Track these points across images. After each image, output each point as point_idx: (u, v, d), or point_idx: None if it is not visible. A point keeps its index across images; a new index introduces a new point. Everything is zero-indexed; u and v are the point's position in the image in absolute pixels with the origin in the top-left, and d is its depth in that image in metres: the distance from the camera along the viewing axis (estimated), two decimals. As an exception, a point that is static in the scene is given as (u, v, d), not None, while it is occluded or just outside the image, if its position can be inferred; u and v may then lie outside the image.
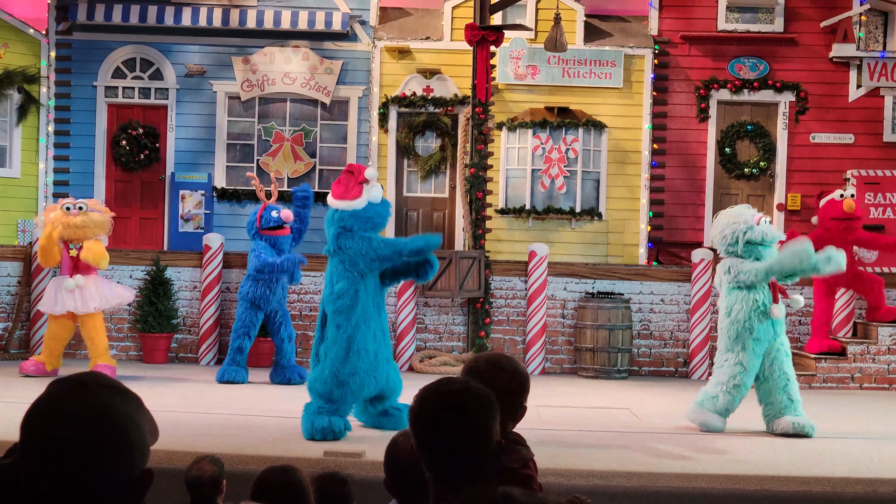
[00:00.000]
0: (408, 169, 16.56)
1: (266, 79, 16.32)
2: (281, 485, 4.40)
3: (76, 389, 2.02)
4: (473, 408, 2.70)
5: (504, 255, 15.31)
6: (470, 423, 2.67)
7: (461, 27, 15.17)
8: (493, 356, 3.74)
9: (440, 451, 2.66)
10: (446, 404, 2.69)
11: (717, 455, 8.37)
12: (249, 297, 12.13)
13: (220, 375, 12.09)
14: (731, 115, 16.55)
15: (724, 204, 16.46)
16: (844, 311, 14.04)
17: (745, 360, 9.46)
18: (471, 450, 2.66)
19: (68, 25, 16.36)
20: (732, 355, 9.53)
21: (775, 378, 9.53)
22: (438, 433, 2.67)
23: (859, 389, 13.31)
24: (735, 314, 9.55)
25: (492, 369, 3.61)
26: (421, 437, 2.70)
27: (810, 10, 16.36)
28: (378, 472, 3.89)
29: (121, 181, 16.55)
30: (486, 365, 3.64)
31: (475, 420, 2.68)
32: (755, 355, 9.47)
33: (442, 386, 2.75)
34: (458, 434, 2.65)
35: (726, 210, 9.99)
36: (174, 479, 5.22)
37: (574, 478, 7.19)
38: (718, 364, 9.68)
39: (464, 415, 2.67)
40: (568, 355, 14.39)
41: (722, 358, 9.64)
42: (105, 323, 14.03)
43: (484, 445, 2.67)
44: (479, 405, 2.71)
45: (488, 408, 2.72)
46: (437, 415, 2.68)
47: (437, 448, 2.67)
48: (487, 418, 2.70)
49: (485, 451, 2.67)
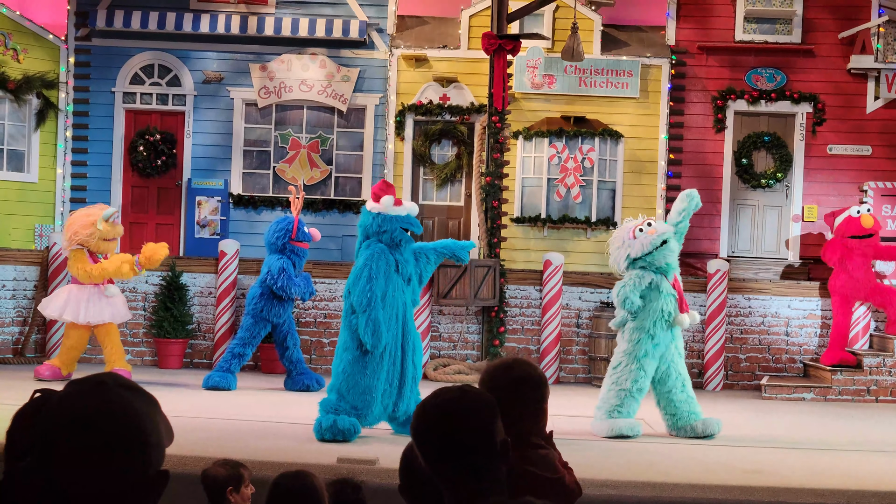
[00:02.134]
0: (423, 177, 16.57)
1: (283, 86, 16.36)
2: (296, 489, 4.40)
3: (95, 389, 2.03)
4: (471, 413, 2.68)
5: (519, 264, 15.30)
6: (470, 429, 2.65)
7: (478, 36, 15.19)
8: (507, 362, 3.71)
9: (447, 462, 2.65)
10: (444, 414, 2.67)
11: (730, 466, 8.34)
12: (262, 315, 12.08)
13: (208, 382, 11.95)
14: (748, 125, 16.51)
15: (740, 214, 16.45)
16: (861, 324, 13.98)
17: (646, 364, 9.75)
18: (476, 456, 2.64)
19: (87, 31, 16.44)
20: (634, 360, 9.76)
21: (672, 380, 9.83)
22: (441, 444, 2.65)
23: (875, 402, 13.24)
24: (640, 321, 9.79)
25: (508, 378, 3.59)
26: (426, 451, 2.68)
27: (828, 21, 16.31)
28: (392, 480, 3.89)
29: (138, 187, 16.61)
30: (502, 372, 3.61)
31: (475, 424, 2.67)
32: (653, 359, 9.77)
33: (437, 397, 2.73)
34: (461, 441, 2.64)
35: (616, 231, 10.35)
36: (188, 483, 5.23)
37: (588, 487, 7.16)
38: (615, 370, 9.88)
39: (463, 421, 2.66)
40: (582, 365, 14.37)
41: (620, 362, 9.87)
42: (121, 328, 14.11)
43: (489, 448, 2.66)
44: (477, 409, 2.70)
45: (486, 410, 2.70)
46: (437, 426, 2.67)
47: (443, 459, 2.65)
48: (487, 421, 2.68)
49: (491, 454, 2.66)
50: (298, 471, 4.59)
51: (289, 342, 12.31)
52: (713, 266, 14.34)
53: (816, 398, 13.30)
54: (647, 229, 9.79)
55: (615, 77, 16.10)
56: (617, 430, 9.55)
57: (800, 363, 14.42)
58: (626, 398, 9.70)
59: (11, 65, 15.71)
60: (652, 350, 9.71)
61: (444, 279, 13.79)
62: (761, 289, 14.53)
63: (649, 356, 9.71)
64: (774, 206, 16.46)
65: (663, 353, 9.79)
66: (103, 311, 11.83)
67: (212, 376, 12.02)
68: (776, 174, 16.30)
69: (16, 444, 2.58)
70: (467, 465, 2.64)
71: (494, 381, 3.48)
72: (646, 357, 9.71)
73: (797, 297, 14.48)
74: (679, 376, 9.87)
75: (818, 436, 10.45)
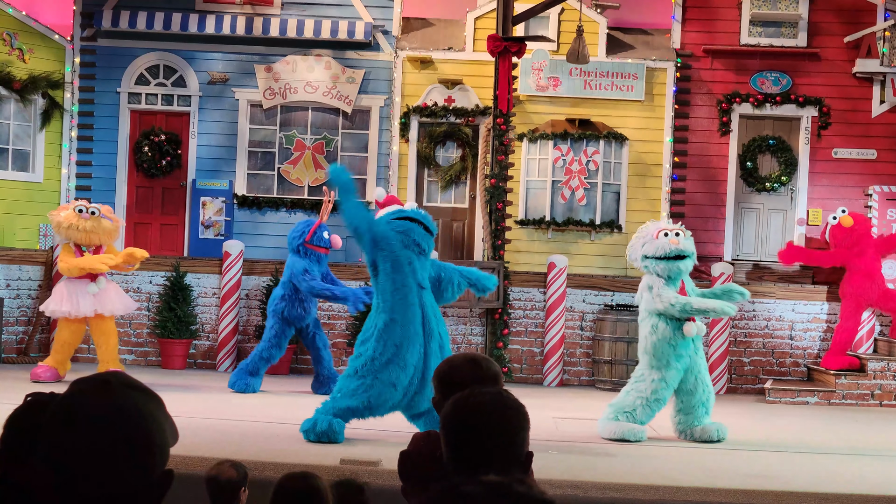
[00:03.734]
0: (428, 179, 16.57)
1: (288, 87, 16.37)
2: (300, 491, 4.40)
3: (100, 389, 2.02)
4: (507, 417, 2.69)
5: (523, 267, 15.29)
6: (503, 433, 2.66)
7: (483, 38, 15.18)
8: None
9: (472, 461, 2.65)
10: (480, 413, 2.68)
11: (734, 470, 8.33)
12: (284, 316, 11.88)
13: (237, 385, 11.79)
14: (753, 129, 16.49)
15: (745, 218, 16.43)
16: (865, 327, 13.97)
17: (669, 376, 9.64)
18: (502, 460, 2.64)
19: (93, 32, 16.46)
20: (656, 372, 9.67)
21: (699, 392, 9.74)
22: (472, 442, 2.65)
23: (879, 406, 13.22)
24: (662, 331, 9.68)
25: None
26: (450, 443, 2.68)
27: (834, 25, 16.30)
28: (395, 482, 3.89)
29: (142, 187, 16.62)
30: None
31: (508, 429, 2.68)
32: (677, 371, 9.64)
33: (473, 396, 2.74)
34: (492, 444, 2.65)
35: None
36: (190, 484, 5.23)
37: (590, 490, 7.17)
38: (638, 378, 9.79)
39: (498, 425, 2.67)
40: (586, 367, 14.36)
41: (643, 373, 9.77)
42: (124, 328, 14.11)
43: (512, 455, 2.67)
44: (512, 415, 2.71)
45: (518, 417, 2.72)
46: (471, 424, 2.67)
47: (468, 457, 2.65)
48: (517, 428, 2.70)
49: (512, 461, 2.67)
50: (303, 472, 4.59)
51: (318, 343, 12.15)
52: (717, 269, 14.34)
53: (820, 402, 13.28)
54: (672, 238, 9.73)
55: (620, 80, 16.09)
56: (620, 433, 9.51)
57: (804, 367, 14.41)
58: (642, 406, 9.58)
59: (17, 65, 15.73)
60: (675, 361, 9.60)
61: (448, 281, 13.77)
62: (765, 292, 14.51)
63: (672, 367, 9.60)
64: (779, 209, 16.44)
65: (689, 366, 9.67)
66: (98, 304, 11.65)
67: (237, 382, 11.82)
68: (781, 178, 16.28)
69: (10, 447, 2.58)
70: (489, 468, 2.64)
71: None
72: (668, 368, 9.60)
73: (801, 301, 14.47)
74: (706, 390, 9.77)
75: (822, 440, 10.44)
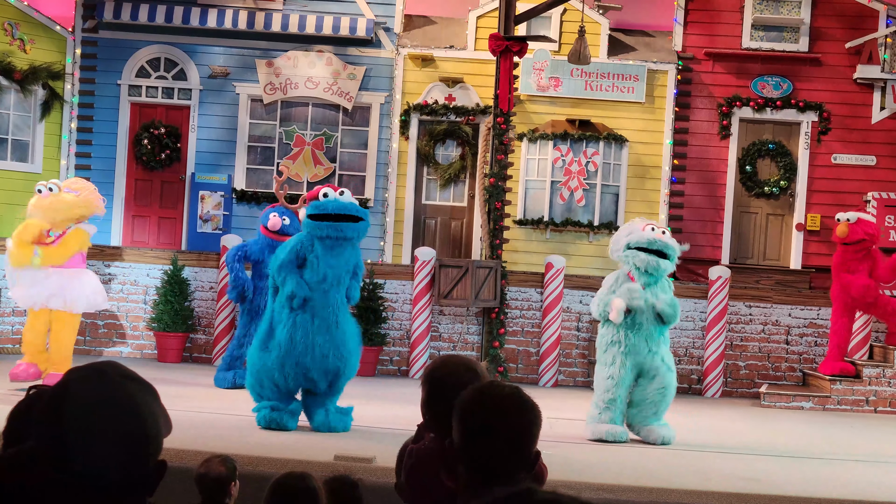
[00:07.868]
0: (427, 177, 16.57)
1: (289, 82, 16.36)
2: (295, 491, 4.42)
3: (96, 378, 2.02)
4: (524, 411, 2.73)
5: (521, 266, 15.29)
6: (517, 426, 2.70)
7: (485, 37, 15.18)
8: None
9: (483, 454, 2.67)
10: (497, 408, 2.71)
11: (728, 474, 8.33)
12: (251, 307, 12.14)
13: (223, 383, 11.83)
14: (753, 133, 16.50)
15: (744, 222, 16.43)
16: (861, 334, 13.96)
17: (617, 374, 9.48)
18: (513, 455, 2.67)
19: (95, 24, 16.44)
20: (606, 370, 9.58)
21: (650, 393, 9.51)
22: (478, 431, 2.68)
23: (874, 413, 13.23)
24: (607, 330, 9.62)
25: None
26: (462, 431, 2.70)
27: (836, 30, 16.30)
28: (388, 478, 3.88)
29: (141, 180, 16.61)
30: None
31: (523, 422, 2.71)
32: (625, 368, 9.46)
33: (492, 388, 2.79)
34: (506, 438, 2.67)
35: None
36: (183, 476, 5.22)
37: (584, 491, 7.17)
38: (596, 380, 9.72)
39: (514, 420, 2.70)
40: (582, 368, 14.36)
41: (598, 374, 9.68)
42: (120, 320, 14.10)
43: (527, 452, 2.70)
44: (523, 412, 2.73)
45: (531, 415, 2.74)
46: (487, 417, 2.69)
47: (480, 450, 2.67)
48: (529, 425, 2.73)
49: (520, 458, 2.69)
50: (298, 472, 4.61)
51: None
52: (715, 272, 14.33)
53: (815, 407, 13.29)
54: (659, 234, 9.72)
55: (621, 81, 16.09)
56: (599, 434, 9.51)
57: (799, 372, 14.41)
58: (605, 407, 9.52)
59: (18, 55, 15.71)
60: (622, 358, 9.45)
61: (446, 279, 13.78)
62: (762, 296, 14.52)
63: (619, 364, 9.45)
64: (777, 214, 16.44)
65: (646, 364, 9.46)
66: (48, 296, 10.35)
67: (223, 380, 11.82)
68: (780, 182, 16.29)
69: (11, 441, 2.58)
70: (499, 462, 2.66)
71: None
72: (613, 365, 9.48)
73: (798, 306, 14.47)
74: (661, 392, 9.51)
75: (816, 445, 10.44)
